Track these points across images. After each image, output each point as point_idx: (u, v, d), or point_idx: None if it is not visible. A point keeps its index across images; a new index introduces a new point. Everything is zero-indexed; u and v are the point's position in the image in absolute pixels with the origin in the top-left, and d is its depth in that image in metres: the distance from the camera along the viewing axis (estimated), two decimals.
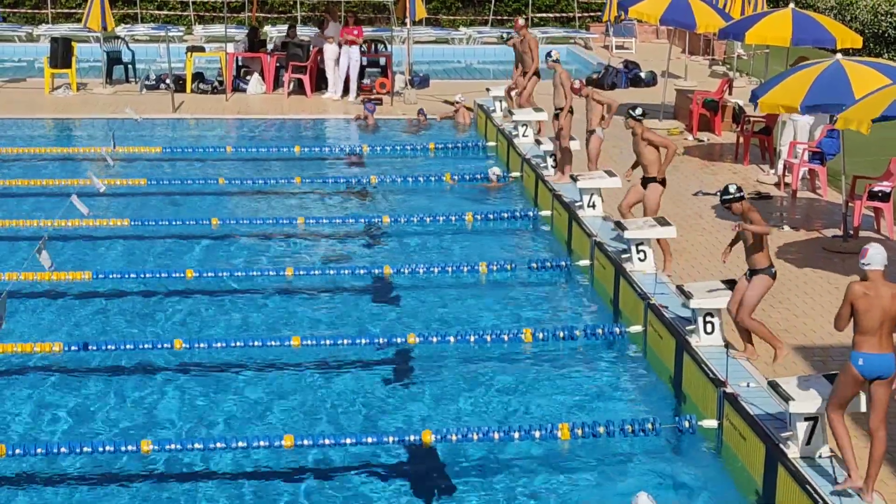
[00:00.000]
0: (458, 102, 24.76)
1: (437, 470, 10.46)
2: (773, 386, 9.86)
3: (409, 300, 14.52)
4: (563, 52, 22.15)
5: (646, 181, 14.62)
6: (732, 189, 11.55)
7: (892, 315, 8.85)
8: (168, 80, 26.19)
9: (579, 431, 10.68)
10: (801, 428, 9.55)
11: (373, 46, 28.46)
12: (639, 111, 14.47)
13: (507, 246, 16.82)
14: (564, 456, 10.68)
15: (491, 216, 17.66)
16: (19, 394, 11.81)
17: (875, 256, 8.95)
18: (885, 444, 8.93)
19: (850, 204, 15.86)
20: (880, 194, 15.99)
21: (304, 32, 31.21)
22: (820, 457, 9.54)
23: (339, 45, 26.17)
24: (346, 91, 26.27)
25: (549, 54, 18.85)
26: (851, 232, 15.63)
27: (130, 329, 13.48)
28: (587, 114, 17.41)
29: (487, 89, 24.47)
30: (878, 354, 8.83)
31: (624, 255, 14.25)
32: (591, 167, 17.42)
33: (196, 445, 10.43)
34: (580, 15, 36.46)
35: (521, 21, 22.85)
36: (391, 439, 10.65)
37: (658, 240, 14.18)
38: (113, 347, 12.56)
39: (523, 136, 21.10)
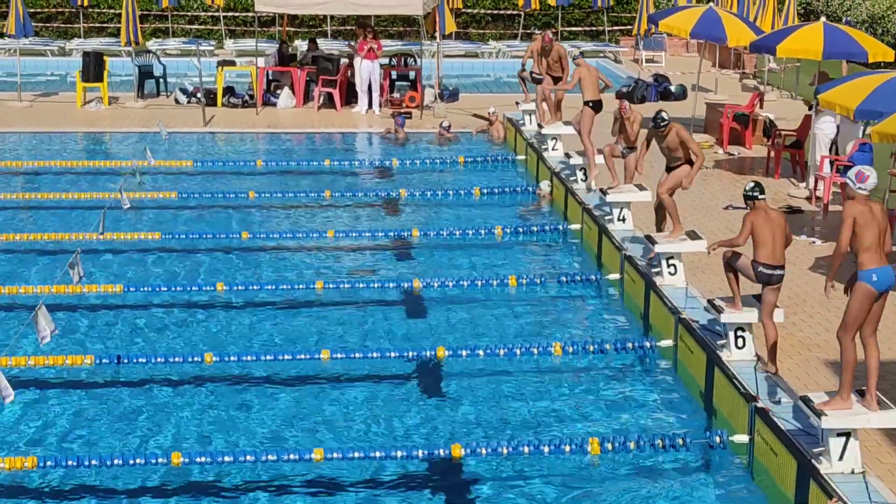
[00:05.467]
0: (491, 114, 24.76)
1: (466, 484, 10.45)
2: (805, 401, 9.81)
3: (439, 314, 14.52)
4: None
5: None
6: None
7: (884, 229, 9.68)
8: (199, 94, 26.33)
9: (609, 446, 10.64)
10: (834, 443, 9.48)
11: (402, 60, 28.53)
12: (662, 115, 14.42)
13: (536, 259, 16.80)
14: (594, 470, 10.65)
15: (520, 230, 17.66)
16: (51, 406, 11.88)
17: (872, 181, 9.74)
18: (878, 352, 9.74)
19: None
20: None
21: (334, 46, 31.35)
22: (853, 472, 9.47)
23: (350, 58, 26.39)
24: (369, 105, 26.36)
25: (574, 58, 19.31)
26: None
27: (161, 342, 13.53)
28: (627, 131, 17.02)
29: (517, 103, 24.47)
30: (885, 267, 9.53)
31: (654, 270, 14.22)
32: (629, 179, 17.11)
33: (226, 458, 10.44)
34: (610, 29, 36.42)
35: (549, 34, 22.82)
36: (421, 453, 10.64)
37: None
38: (144, 360, 12.61)
39: (553, 149, 21.09)
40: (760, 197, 11.36)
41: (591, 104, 18.47)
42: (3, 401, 9.19)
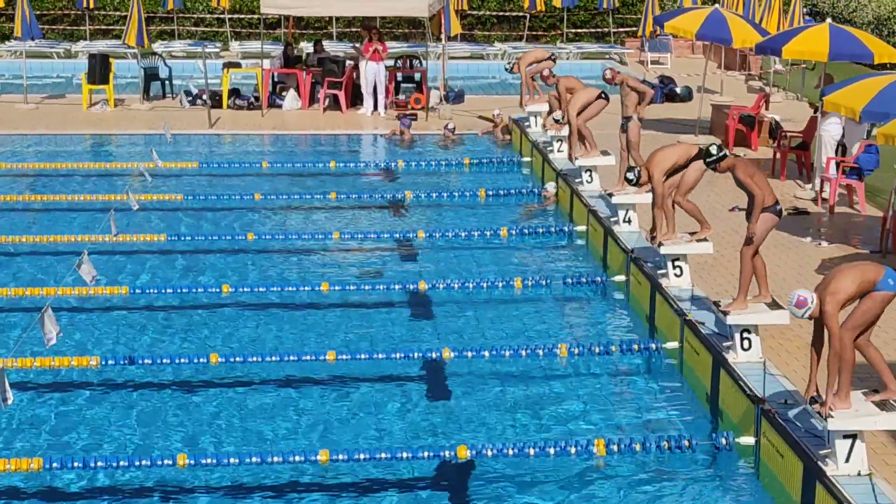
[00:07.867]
0: (496, 116, 24.77)
1: (472, 485, 10.44)
2: (812, 403, 9.78)
3: (444, 315, 14.52)
4: (599, 68, 22.29)
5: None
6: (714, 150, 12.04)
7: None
8: (205, 96, 26.34)
9: (615, 447, 10.62)
10: (840, 445, 9.47)
11: (408, 62, 28.53)
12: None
13: (542, 261, 16.79)
14: (600, 472, 10.63)
15: (526, 231, 17.66)
16: (57, 408, 11.88)
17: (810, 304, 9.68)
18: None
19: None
20: None
21: (340, 48, 31.35)
22: (859, 474, 9.45)
23: (356, 60, 26.43)
24: (374, 106, 26.38)
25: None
26: (891, 247, 15.52)
27: (167, 343, 13.54)
28: (622, 100, 17.46)
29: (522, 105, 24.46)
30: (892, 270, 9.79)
31: (660, 272, 14.20)
32: (635, 154, 17.20)
33: (232, 460, 10.44)
34: (615, 30, 36.42)
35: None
36: (426, 454, 10.63)
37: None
38: (149, 362, 12.62)
39: (558, 151, 21.07)
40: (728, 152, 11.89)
41: (604, 95, 18.69)
42: (2, 404, 9.12)
